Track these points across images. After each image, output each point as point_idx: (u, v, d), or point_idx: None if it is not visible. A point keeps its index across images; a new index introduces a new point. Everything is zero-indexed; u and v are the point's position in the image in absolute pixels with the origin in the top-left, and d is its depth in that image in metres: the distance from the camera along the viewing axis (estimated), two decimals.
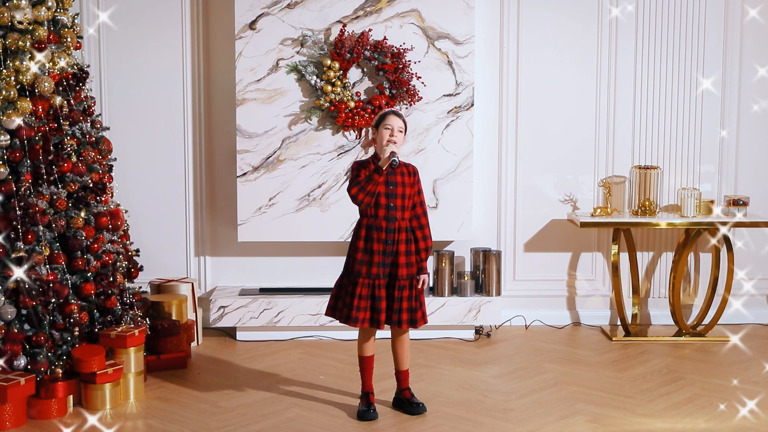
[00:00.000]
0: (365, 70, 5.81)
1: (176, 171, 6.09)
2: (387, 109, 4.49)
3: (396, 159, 4.27)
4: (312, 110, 5.77)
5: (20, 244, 4.52)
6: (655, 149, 6.19)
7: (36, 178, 4.69)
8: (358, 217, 4.46)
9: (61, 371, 4.55)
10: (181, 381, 5.07)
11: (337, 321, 4.47)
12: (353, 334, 5.79)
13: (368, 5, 5.75)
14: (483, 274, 5.96)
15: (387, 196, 4.37)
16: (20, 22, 4.65)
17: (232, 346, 5.78)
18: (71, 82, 4.93)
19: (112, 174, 5.37)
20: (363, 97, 5.78)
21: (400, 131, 4.38)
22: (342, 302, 4.42)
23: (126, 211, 5.37)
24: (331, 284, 6.07)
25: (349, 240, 5.84)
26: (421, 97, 5.78)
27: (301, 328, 5.90)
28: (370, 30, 5.71)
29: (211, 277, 6.19)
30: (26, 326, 4.56)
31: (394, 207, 4.37)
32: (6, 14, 4.63)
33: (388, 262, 4.37)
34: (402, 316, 4.38)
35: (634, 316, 6.14)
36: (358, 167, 4.38)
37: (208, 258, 6.17)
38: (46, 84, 4.70)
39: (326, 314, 4.53)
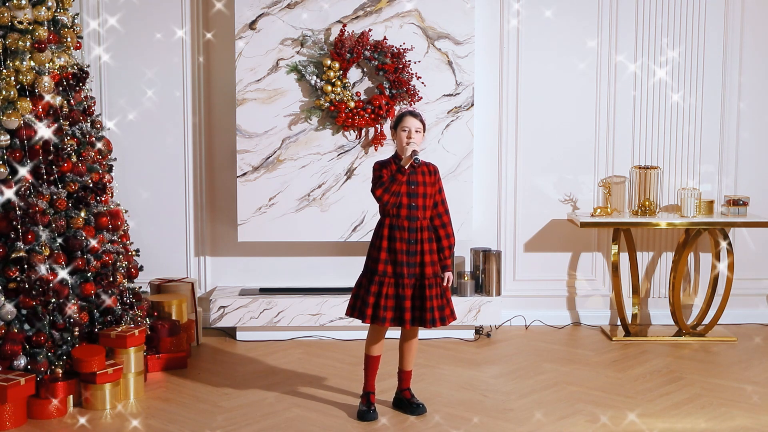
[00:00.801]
0: (365, 70, 5.81)
1: (176, 171, 6.09)
2: (404, 110, 4.49)
3: (417, 158, 4.28)
4: (312, 110, 5.77)
5: (20, 244, 4.52)
6: (655, 149, 6.19)
7: (36, 178, 4.69)
8: (379, 216, 4.45)
9: (61, 371, 4.55)
10: (181, 381, 5.07)
11: (359, 321, 4.44)
12: (353, 334, 5.80)
13: (368, 5, 5.75)
14: (483, 274, 5.95)
15: (408, 196, 4.37)
16: (20, 22, 4.65)
17: (232, 346, 5.78)
18: (71, 82, 4.93)
19: (112, 174, 5.37)
20: (363, 97, 5.78)
21: (418, 131, 4.38)
22: (362, 302, 4.40)
23: (126, 211, 5.37)
24: (331, 284, 6.13)
25: (351, 239, 5.88)
26: (421, 97, 5.78)
27: (301, 328, 5.90)
28: (370, 30, 5.71)
29: (211, 277, 6.19)
30: (26, 326, 4.57)
31: (416, 206, 4.37)
32: (6, 14, 4.63)
33: (412, 262, 4.37)
34: (434, 314, 4.37)
35: (634, 316, 6.14)
36: (380, 168, 4.38)
37: (208, 258, 6.17)
38: (46, 84, 4.70)
39: (346, 314, 4.51)
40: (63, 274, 4.62)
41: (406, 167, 4.30)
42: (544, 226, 6.23)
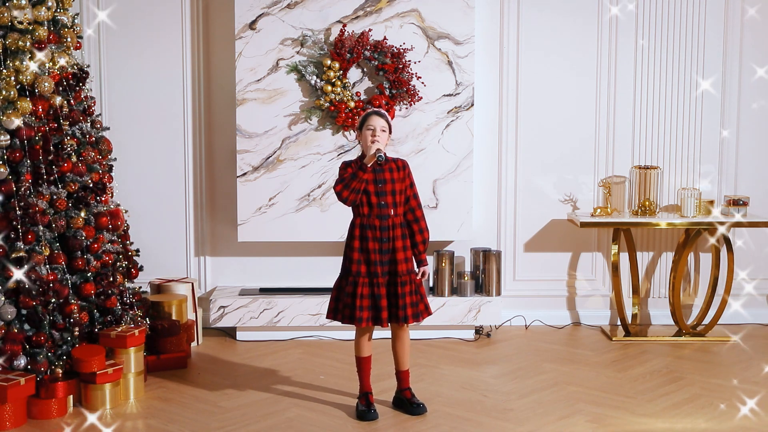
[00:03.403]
0: (365, 70, 5.81)
1: (176, 171, 6.09)
2: (369, 110, 4.47)
3: (382, 155, 4.27)
4: (312, 110, 5.77)
5: (20, 244, 4.52)
6: (655, 149, 6.19)
7: (36, 178, 4.69)
8: (352, 217, 4.46)
9: (61, 371, 4.54)
10: (181, 381, 5.07)
11: (340, 323, 4.47)
12: (353, 334, 5.79)
13: (368, 5, 5.75)
14: (483, 274, 5.95)
15: (377, 194, 4.36)
16: (20, 22, 4.64)
17: (232, 346, 5.78)
18: (71, 82, 4.93)
19: (112, 174, 5.38)
20: (363, 97, 5.78)
21: (383, 130, 4.36)
22: (342, 303, 4.42)
23: (126, 211, 5.37)
24: (331, 284, 6.11)
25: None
26: (421, 97, 5.78)
27: (301, 328, 5.90)
28: (370, 30, 5.71)
29: (211, 277, 6.19)
30: (26, 326, 4.57)
31: (385, 204, 4.37)
32: (6, 14, 4.63)
33: (385, 260, 4.37)
34: (407, 311, 4.38)
35: (634, 316, 6.14)
36: (345, 166, 4.38)
37: (208, 258, 6.17)
38: (46, 84, 4.70)
39: (327, 317, 4.53)
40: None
41: (369, 165, 4.29)
42: (544, 226, 6.23)
